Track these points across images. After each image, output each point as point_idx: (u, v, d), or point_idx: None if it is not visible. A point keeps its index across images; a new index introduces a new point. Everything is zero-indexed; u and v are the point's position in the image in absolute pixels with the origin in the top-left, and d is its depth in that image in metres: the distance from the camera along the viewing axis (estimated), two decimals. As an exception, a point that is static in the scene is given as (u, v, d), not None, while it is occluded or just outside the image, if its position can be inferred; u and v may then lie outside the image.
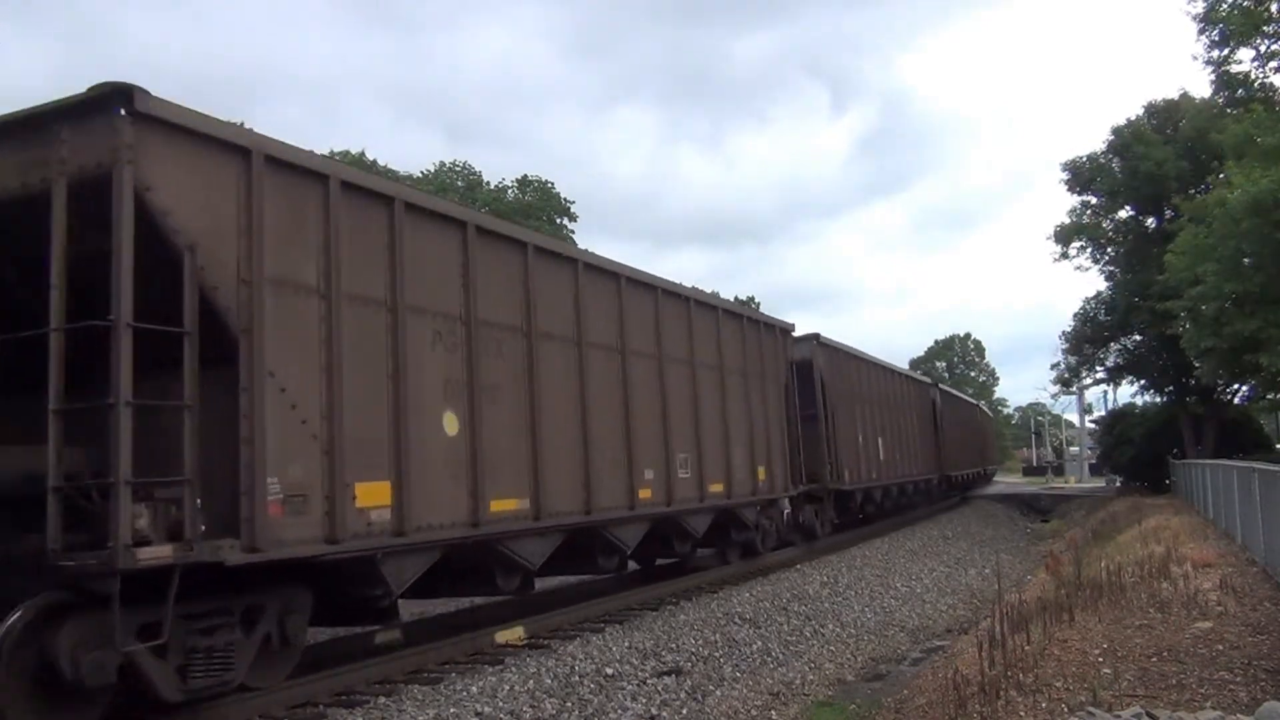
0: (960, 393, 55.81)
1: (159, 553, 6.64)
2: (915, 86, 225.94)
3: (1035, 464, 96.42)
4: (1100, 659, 8.42)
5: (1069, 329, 40.72)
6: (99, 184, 6.68)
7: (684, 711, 9.04)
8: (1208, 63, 24.73)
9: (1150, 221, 37.30)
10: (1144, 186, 35.00)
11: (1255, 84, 23.66)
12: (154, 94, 6.89)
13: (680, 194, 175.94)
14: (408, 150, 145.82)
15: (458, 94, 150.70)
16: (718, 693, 9.71)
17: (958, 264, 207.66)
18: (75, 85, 8.04)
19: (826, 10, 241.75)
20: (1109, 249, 39.05)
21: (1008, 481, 72.29)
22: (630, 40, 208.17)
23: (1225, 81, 24.98)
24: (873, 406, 25.43)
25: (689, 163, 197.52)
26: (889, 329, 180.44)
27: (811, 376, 20.59)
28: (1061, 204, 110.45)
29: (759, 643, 11.80)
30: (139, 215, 6.71)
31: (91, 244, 6.69)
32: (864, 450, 23.70)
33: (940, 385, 40.19)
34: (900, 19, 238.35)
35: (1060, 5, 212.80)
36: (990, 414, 75.08)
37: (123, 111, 6.71)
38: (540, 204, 54.70)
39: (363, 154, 48.87)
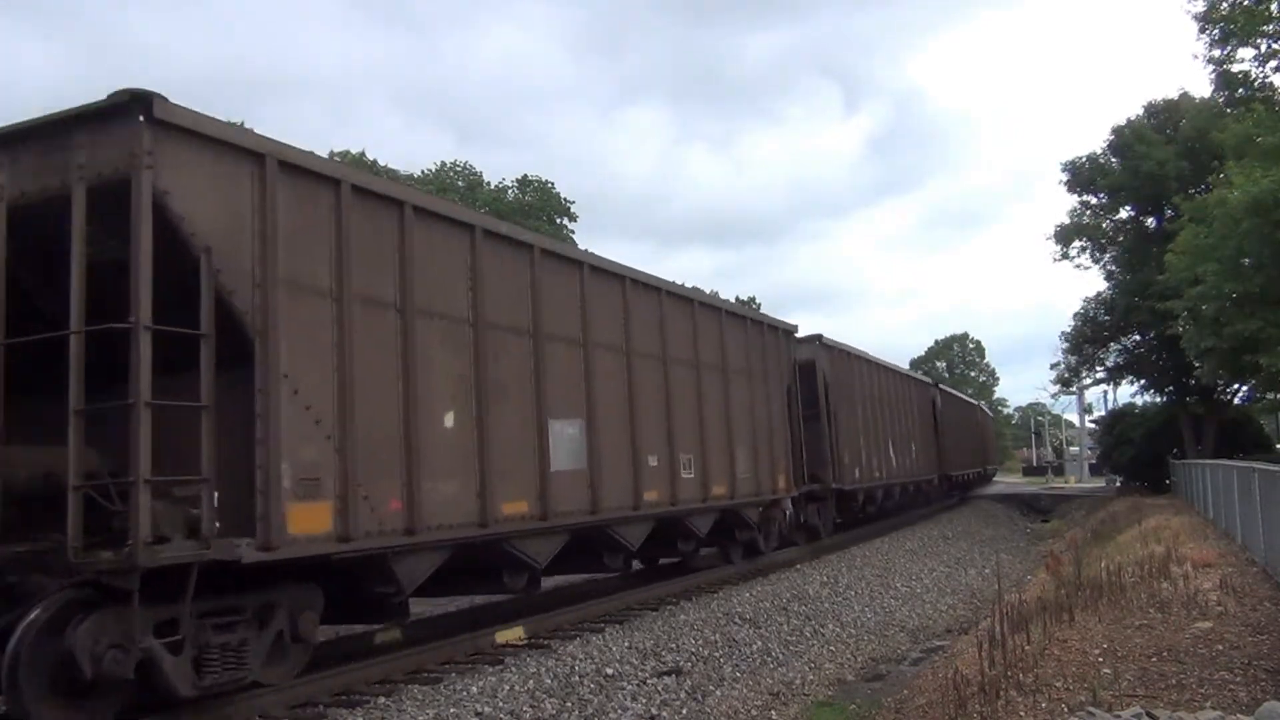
0: (960, 393, 55.88)
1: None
2: (926, 87, 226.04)
3: (1035, 464, 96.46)
4: (1100, 659, 8.42)
5: (1069, 329, 40.80)
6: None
7: (684, 711, 9.03)
8: (1208, 62, 24.66)
9: (1150, 221, 37.27)
10: (1144, 186, 34.99)
11: (1255, 83, 23.63)
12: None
13: (687, 194, 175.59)
14: (418, 151, 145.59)
15: (467, 94, 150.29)
16: (718, 693, 9.71)
17: (959, 264, 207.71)
18: (82, 87, 7.83)
19: (837, 9, 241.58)
20: (1109, 249, 39.06)
21: (1008, 481, 72.29)
22: (641, 40, 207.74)
23: (1225, 81, 24.93)
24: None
25: (698, 163, 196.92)
26: (891, 329, 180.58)
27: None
28: (1062, 204, 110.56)
29: (759, 643, 11.80)
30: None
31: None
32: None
33: (941, 385, 40.28)
34: (908, 19, 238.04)
35: (1061, 6, 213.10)
36: (990, 414, 75.03)
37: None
38: (540, 204, 54.71)
39: (363, 154, 48.87)
